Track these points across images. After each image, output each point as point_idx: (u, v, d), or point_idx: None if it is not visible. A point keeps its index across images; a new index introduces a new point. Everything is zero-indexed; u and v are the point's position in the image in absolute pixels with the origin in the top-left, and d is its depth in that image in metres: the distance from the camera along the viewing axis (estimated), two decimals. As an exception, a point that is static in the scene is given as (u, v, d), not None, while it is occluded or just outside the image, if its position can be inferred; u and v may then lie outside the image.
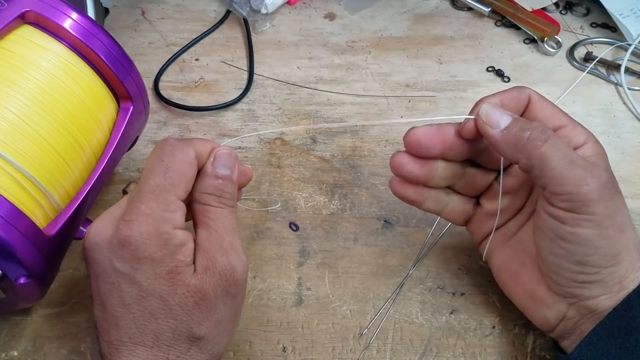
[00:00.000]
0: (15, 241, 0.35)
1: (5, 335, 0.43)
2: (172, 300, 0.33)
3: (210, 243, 0.34)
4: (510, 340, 0.44)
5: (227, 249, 0.35)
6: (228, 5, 0.67)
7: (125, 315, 0.33)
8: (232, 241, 0.35)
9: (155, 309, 0.33)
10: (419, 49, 0.65)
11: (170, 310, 0.33)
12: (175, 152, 0.35)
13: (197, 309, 0.33)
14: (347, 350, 0.43)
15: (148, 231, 0.33)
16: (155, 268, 0.33)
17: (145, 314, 0.33)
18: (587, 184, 0.35)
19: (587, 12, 0.69)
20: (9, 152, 0.36)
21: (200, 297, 0.33)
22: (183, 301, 0.33)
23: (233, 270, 0.34)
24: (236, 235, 0.36)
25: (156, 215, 0.33)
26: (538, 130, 0.36)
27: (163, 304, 0.33)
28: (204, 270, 0.34)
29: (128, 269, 0.33)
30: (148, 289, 0.33)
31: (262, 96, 0.59)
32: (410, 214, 0.50)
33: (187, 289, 0.33)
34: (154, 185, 0.34)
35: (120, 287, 0.33)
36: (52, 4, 0.40)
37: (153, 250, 0.33)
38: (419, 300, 0.46)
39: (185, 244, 0.34)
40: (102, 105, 0.43)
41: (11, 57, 0.39)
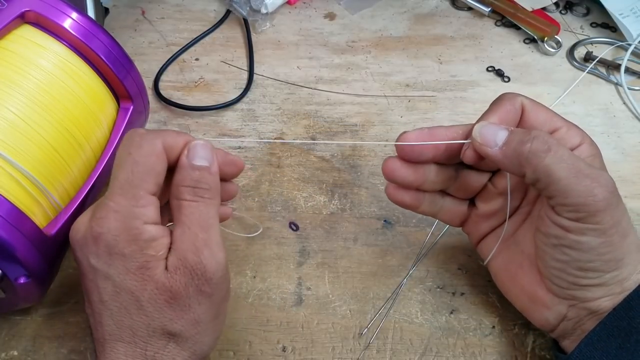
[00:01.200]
0: (15, 241, 0.35)
1: (5, 335, 0.43)
2: (142, 296, 0.33)
3: (182, 241, 0.34)
4: (510, 340, 0.44)
5: (200, 247, 0.33)
6: (228, 5, 0.67)
7: (104, 311, 0.33)
8: (205, 238, 0.34)
9: (128, 304, 0.33)
10: (419, 49, 0.65)
11: (142, 306, 0.33)
12: (142, 144, 0.34)
13: (168, 307, 0.33)
14: (347, 350, 0.43)
15: (117, 227, 0.33)
16: (126, 263, 0.33)
17: (121, 309, 0.33)
18: (595, 194, 0.34)
19: (587, 12, 0.69)
20: (9, 152, 0.36)
21: (171, 295, 0.33)
22: (153, 298, 0.33)
23: (204, 269, 0.33)
24: (212, 231, 0.34)
25: (125, 211, 0.33)
26: (539, 140, 0.35)
27: (134, 300, 0.33)
28: (174, 270, 0.33)
29: (102, 265, 0.33)
30: (121, 285, 0.33)
31: (262, 96, 0.59)
32: (410, 214, 0.50)
33: (156, 285, 0.33)
34: (122, 180, 0.33)
35: (97, 283, 0.33)
36: (52, 3, 0.40)
37: (123, 245, 0.32)
38: (419, 300, 0.46)
39: (157, 239, 0.33)
40: (102, 105, 0.43)
41: (11, 57, 0.39)
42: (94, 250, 0.33)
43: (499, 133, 0.37)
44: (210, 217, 0.35)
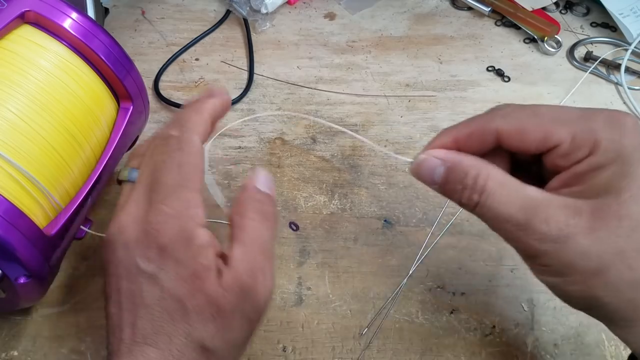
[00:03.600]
0: (15, 241, 0.35)
1: (5, 335, 0.43)
2: (189, 304, 0.32)
3: (241, 261, 0.33)
4: (510, 340, 0.44)
5: (256, 272, 0.33)
6: (228, 5, 0.67)
7: (144, 315, 0.32)
8: (263, 264, 0.33)
9: (173, 310, 0.32)
10: (419, 49, 0.65)
11: (187, 313, 0.32)
12: (182, 147, 0.34)
13: (212, 322, 0.32)
14: (347, 350, 0.43)
15: (173, 232, 0.32)
16: (179, 269, 0.32)
17: (164, 315, 0.32)
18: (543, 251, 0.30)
19: (587, 12, 0.69)
20: (9, 152, 0.36)
21: (217, 310, 0.32)
22: (200, 307, 0.32)
23: (257, 295, 0.33)
24: (269, 258, 0.34)
25: (180, 215, 0.32)
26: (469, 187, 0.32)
27: (181, 306, 0.32)
28: (228, 288, 0.32)
29: (152, 269, 0.32)
30: (170, 290, 0.32)
31: (262, 96, 0.59)
32: (410, 213, 0.50)
33: (207, 297, 0.32)
34: (172, 183, 0.33)
35: (142, 287, 0.32)
36: (52, 3, 0.40)
37: (178, 251, 0.32)
38: (419, 300, 0.46)
39: (208, 247, 0.33)
40: (102, 105, 0.43)
41: (11, 57, 0.39)
42: (145, 253, 0.32)
43: (436, 170, 0.34)
44: (271, 243, 0.34)
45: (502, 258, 0.48)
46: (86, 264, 0.46)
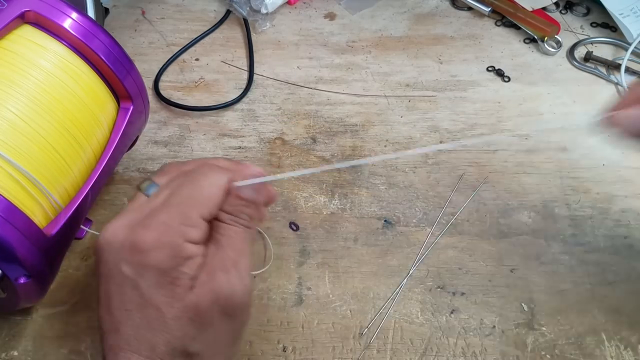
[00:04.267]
0: (15, 241, 0.35)
1: (5, 335, 0.43)
2: (167, 312, 0.32)
3: (214, 258, 0.34)
4: (510, 340, 0.44)
5: (229, 268, 0.34)
6: (228, 5, 0.67)
7: (126, 320, 0.33)
8: (236, 260, 0.34)
9: (153, 319, 0.32)
10: (419, 49, 0.65)
11: (166, 323, 0.32)
12: (209, 175, 0.35)
13: (191, 325, 0.32)
14: (347, 350, 0.43)
15: (162, 240, 0.32)
16: (159, 277, 0.32)
17: (144, 322, 0.32)
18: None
19: (587, 12, 0.69)
20: (9, 152, 0.36)
21: (195, 312, 0.32)
22: (178, 315, 0.32)
23: (232, 290, 0.33)
24: (244, 256, 0.35)
25: (173, 226, 0.33)
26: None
27: (160, 315, 0.32)
28: (202, 285, 0.33)
29: (133, 274, 0.32)
30: (148, 298, 0.32)
31: (262, 96, 0.59)
32: (410, 214, 0.50)
33: (184, 303, 0.32)
34: (180, 199, 0.34)
35: (124, 291, 0.33)
36: (52, 3, 0.40)
37: (161, 259, 0.32)
38: (419, 300, 0.46)
39: (193, 258, 0.33)
40: (102, 105, 0.43)
41: (11, 57, 0.39)
42: (129, 257, 0.32)
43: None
44: (244, 242, 0.35)
45: (502, 258, 0.48)
46: (86, 264, 0.46)
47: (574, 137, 0.57)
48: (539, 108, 0.59)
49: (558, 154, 0.55)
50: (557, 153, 0.56)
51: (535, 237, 0.49)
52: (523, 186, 0.53)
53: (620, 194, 0.53)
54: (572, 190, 0.53)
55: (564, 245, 0.49)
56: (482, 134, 0.57)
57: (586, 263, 0.48)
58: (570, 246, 0.49)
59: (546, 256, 0.48)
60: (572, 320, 0.45)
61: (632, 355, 0.43)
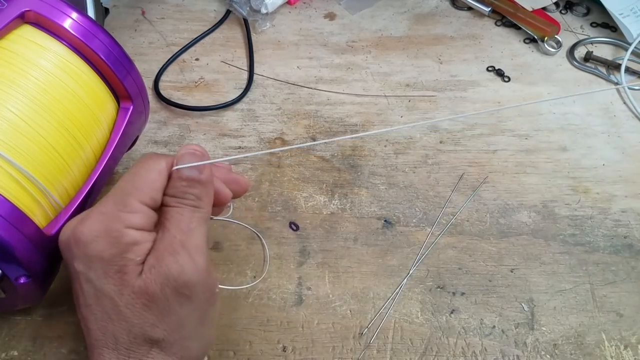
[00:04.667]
0: (15, 241, 0.35)
1: (5, 335, 0.43)
2: (120, 301, 0.32)
3: (161, 242, 0.33)
4: (510, 340, 0.44)
5: (177, 248, 0.33)
6: (228, 5, 0.67)
7: (89, 316, 0.33)
8: (183, 240, 0.33)
9: (109, 309, 0.32)
10: (419, 49, 0.65)
11: (121, 311, 0.32)
12: (147, 162, 0.35)
13: (147, 311, 0.32)
14: (347, 350, 0.43)
15: (98, 229, 0.32)
16: (105, 267, 0.32)
17: (104, 315, 0.32)
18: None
19: (587, 12, 0.69)
20: (9, 152, 0.36)
21: (148, 298, 0.32)
22: (130, 302, 0.32)
23: (181, 270, 0.32)
24: (193, 235, 0.34)
25: (109, 213, 0.33)
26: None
27: (114, 305, 0.32)
28: (149, 269, 0.32)
29: (83, 268, 0.32)
30: (100, 289, 0.32)
31: (262, 96, 0.59)
32: (410, 213, 0.50)
33: (133, 289, 0.32)
34: (117, 188, 0.34)
35: (82, 287, 0.33)
36: (52, 3, 0.40)
37: (102, 248, 0.32)
38: (419, 300, 0.46)
39: (138, 244, 0.33)
40: (102, 105, 0.43)
41: (11, 57, 0.39)
42: (76, 253, 0.33)
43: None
44: (192, 222, 0.34)
45: (502, 258, 0.48)
46: (86, 264, 0.46)
47: (574, 137, 0.57)
48: (539, 108, 0.59)
49: (558, 154, 0.55)
50: (557, 153, 0.56)
51: (535, 237, 0.49)
52: (523, 186, 0.53)
53: (620, 194, 0.53)
54: (572, 190, 0.53)
55: (564, 245, 0.49)
56: (482, 134, 0.57)
57: (586, 263, 0.48)
58: (570, 246, 0.49)
59: (546, 256, 0.48)
60: (572, 320, 0.45)
61: (632, 355, 0.43)
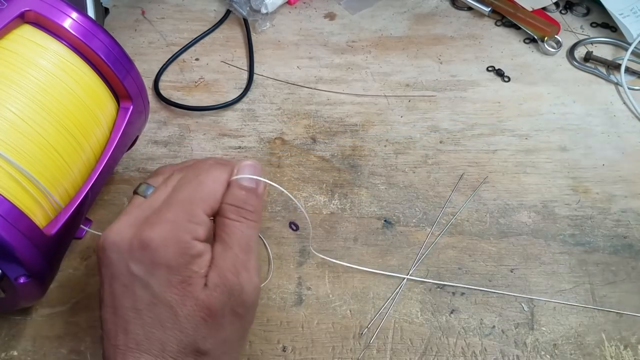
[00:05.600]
0: (15, 241, 0.35)
1: (5, 335, 0.43)
2: (180, 311, 0.32)
3: (224, 260, 0.34)
4: (510, 340, 0.44)
5: (239, 268, 0.34)
6: (228, 5, 0.67)
7: (135, 320, 0.32)
8: (245, 260, 0.34)
9: (164, 318, 0.32)
10: (419, 49, 0.65)
11: (178, 321, 0.32)
12: (211, 170, 0.35)
13: (204, 325, 0.33)
14: (347, 350, 0.43)
15: (169, 237, 0.32)
16: (169, 275, 0.32)
17: (155, 321, 0.32)
18: None
19: (587, 12, 0.69)
20: (9, 151, 0.36)
21: (208, 313, 0.33)
22: (191, 314, 0.32)
23: (242, 290, 0.34)
24: (252, 254, 0.35)
25: (180, 223, 0.33)
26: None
27: (172, 314, 0.32)
28: (214, 287, 0.33)
29: (143, 273, 0.32)
30: (160, 296, 0.32)
31: (262, 96, 0.59)
32: (410, 213, 0.50)
33: (196, 302, 0.32)
34: (184, 196, 0.34)
35: (134, 290, 0.33)
36: (52, 3, 0.40)
37: (170, 257, 0.32)
38: (419, 300, 0.46)
39: (202, 256, 0.33)
40: (102, 105, 0.43)
41: (11, 57, 0.39)
42: (138, 257, 0.32)
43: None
44: (252, 239, 0.35)
45: (502, 258, 0.48)
46: (86, 264, 0.46)
47: (574, 137, 0.57)
48: (539, 108, 0.59)
49: (558, 154, 0.55)
50: (557, 153, 0.56)
51: (535, 237, 0.49)
52: (523, 186, 0.53)
53: (620, 194, 0.53)
54: (572, 190, 0.53)
55: (563, 245, 0.49)
56: (482, 135, 0.57)
57: (586, 263, 0.48)
58: (570, 246, 0.49)
59: (546, 256, 0.48)
60: (572, 320, 0.45)
61: (632, 355, 0.43)
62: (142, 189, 0.37)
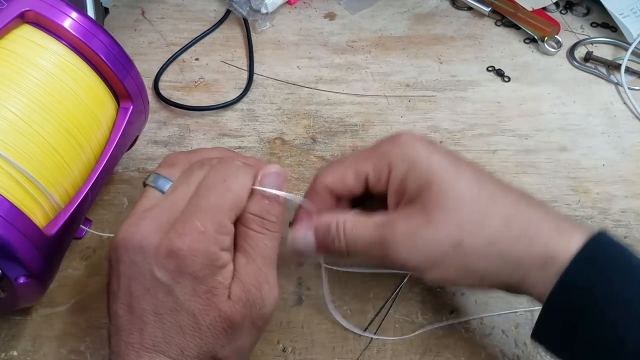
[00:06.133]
0: (15, 241, 0.35)
1: (5, 335, 0.43)
2: (203, 320, 0.32)
3: (247, 273, 0.34)
4: (510, 340, 0.44)
5: (262, 282, 0.34)
6: (228, 5, 0.67)
7: (154, 323, 0.32)
8: (267, 274, 0.34)
9: (186, 324, 0.32)
10: (419, 49, 0.65)
11: (200, 329, 0.32)
12: (238, 175, 0.35)
13: (224, 334, 0.33)
14: (347, 350, 0.43)
15: (198, 248, 0.32)
16: (195, 285, 0.32)
17: (175, 327, 0.32)
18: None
19: (587, 12, 0.69)
20: (8, 151, 0.36)
21: (229, 324, 0.33)
22: (213, 324, 0.33)
23: (263, 304, 0.34)
24: (273, 267, 0.35)
25: (209, 234, 0.32)
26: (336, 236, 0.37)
27: (194, 322, 0.32)
28: (237, 300, 0.33)
29: (168, 280, 0.32)
30: (184, 304, 0.32)
31: (262, 96, 0.59)
32: (411, 213, 0.50)
33: (219, 313, 0.33)
34: (212, 203, 0.33)
35: (156, 295, 0.32)
36: (52, 3, 0.40)
37: (198, 267, 0.32)
38: (419, 300, 0.46)
39: (226, 266, 0.33)
40: (101, 105, 0.43)
41: (11, 57, 0.39)
42: (164, 263, 0.32)
43: (307, 239, 0.39)
44: (274, 251, 0.35)
45: (502, 258, 0.48)
46: (86, 264, 0.46)
47: (574, 137, 0.57)
48: (539, 108, 0.59)
49: (558, 154, 0.55)
50: (557, 153, 0.55)
51: (535, 237, 0.49)
52: (523, 186, 0.53)
53: (620, 194, 0.53)
54: (572, 190, 0.53)
55: (564, 245, 0.49)
56: (482, 135, 0.57)
57: (586, 263, 0.48)
58: (570, 246, 0.49)
59: (546, 256, 0.48)
60: (572, 320, 0.45)
61: (632, 355, 0.43)
62: (151, 179, 0.36)
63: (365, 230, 0.36)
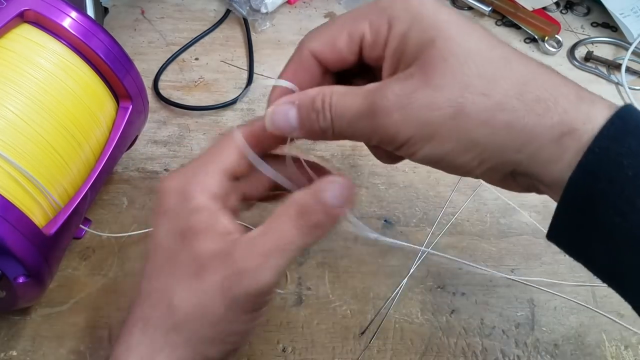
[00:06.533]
0: (14, 240, 0.35)
1: (4, 335, 0.43)
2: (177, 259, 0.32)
3: (248, 239, 0.31)
4: (510, 340, 0.44)
5: (256, 255, 0.30)
6: (228, 4, 0.67)
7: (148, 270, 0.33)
8: (269, 253, 0.30)
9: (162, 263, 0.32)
10: (419, 49, 0.64)
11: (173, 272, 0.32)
12: (224, 137, 0.34)
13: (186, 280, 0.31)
14: (347, 350, 0.43)
15: (175, 190, 0.33)
16: (170, 224, 0.32)
17: (156, 268, 0.32)
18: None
19: (587, 12, 0.69)
20: (8, 151, 0.36)
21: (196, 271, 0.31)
22: (184, 265, 0.31)
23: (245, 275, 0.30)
24: (280, 255, 0.30)
25: (187, 174, 0.33)
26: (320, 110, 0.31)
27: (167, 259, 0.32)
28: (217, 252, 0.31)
29: (155, 222, 0.33)
30: (162, 243, 0.33)
31: (262, 95, 0.59)
32: (410, 213, 0.50)
33: (190, 255, 0.31)
34: (198, 156, 0.34)
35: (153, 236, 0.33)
36: (52, 2, 0.40)
37: (173, 207, 0.32)
38: (419, 300, 0.46)
39: (201, 211, 0.31)
40: (101, 105, 0.42)
41: (10, 56, 0.39)
42: (154, 208, 0.33)
43: (289, 114, 0.32)
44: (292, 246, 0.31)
45: (502, 258, 0.48)
46: (85, 263, 0.46)
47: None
48: (539, 108, 0.59)
49: (558, 154, 0.55)
50: (557, 153, 0.55)
51: (535, 237, 0.49)
52: (523, 186, 0.53)
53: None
54: (572, 190, 0.53)
55: (564, 245, 0.49)
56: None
57: (586, 263, 0.48)
58: (570, 246, 0.49)
59: (547, 256, 0.48)
60: (572, 320, 0.45)
61: (632, 355, 0.43)
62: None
63: (354, 101, 0.31)
